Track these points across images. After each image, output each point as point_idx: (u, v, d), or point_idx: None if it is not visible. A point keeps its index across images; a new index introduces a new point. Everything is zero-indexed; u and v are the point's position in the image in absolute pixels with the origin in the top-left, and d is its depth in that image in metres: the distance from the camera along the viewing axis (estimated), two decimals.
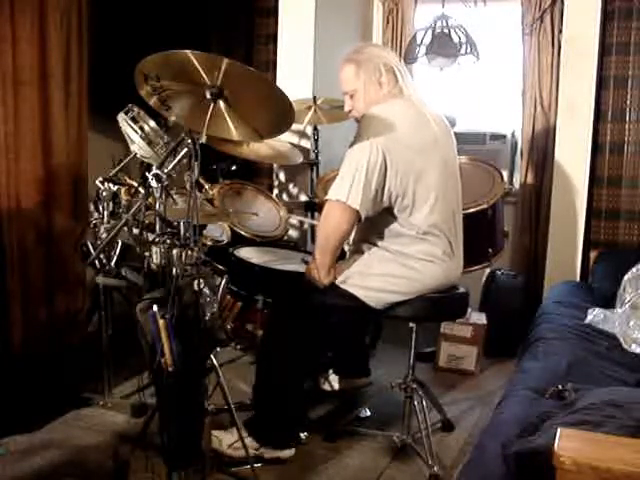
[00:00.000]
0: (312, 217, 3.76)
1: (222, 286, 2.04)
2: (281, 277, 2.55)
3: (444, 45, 3.62)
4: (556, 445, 1.25)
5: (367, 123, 2.28)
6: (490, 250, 2.89)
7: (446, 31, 3.62)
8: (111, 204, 2.26)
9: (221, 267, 2.30)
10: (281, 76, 3.90)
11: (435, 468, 2.30)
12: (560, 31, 3.66)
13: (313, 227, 3.75)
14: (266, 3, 4.09)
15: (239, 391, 2.78)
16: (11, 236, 2.78)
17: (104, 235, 2.19)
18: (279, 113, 2.03)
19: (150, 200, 1.99)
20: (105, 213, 2.26)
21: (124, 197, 2.23)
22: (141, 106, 2.18)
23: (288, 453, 2.36)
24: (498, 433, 1.74)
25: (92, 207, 2.33)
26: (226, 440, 2.30)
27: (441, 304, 2.40)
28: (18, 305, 2.82)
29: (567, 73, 3.60)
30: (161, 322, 1.77)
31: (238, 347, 3.26)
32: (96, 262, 2.18)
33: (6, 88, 2.71)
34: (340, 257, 2.40)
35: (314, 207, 3.67)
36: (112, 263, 2.17)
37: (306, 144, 3.88)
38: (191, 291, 1.87)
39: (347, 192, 2.18)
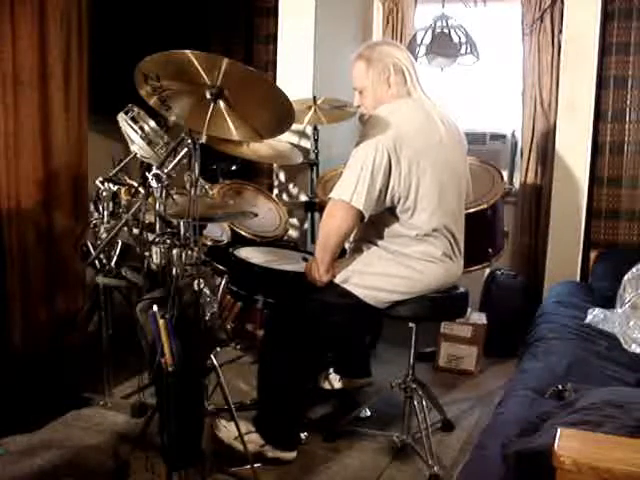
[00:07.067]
0: (312, 217, 3.76)
1: (222, 286, 2.04)
2: (281, 277, 2.55)
3: (444, 45, 3.62)
4: (556, 445, 1.25)
5: (373, 123, 2.27)
6: (490, 250, 2.90)
7: (446, 31, 3.63)
8: (111, 204, 2.26)
9: (221, 267, 2.31)
10: (281, 76, 3.90)
11: (435, 468, 2.30)
12: (560, 31, 3.66)
13: (313, 227, 3.75)
14: (266, 3, 4.09)
15: (239, 391, 2.79)
16: (11, 236, 2.78)
17: (104, 235, 2.19)
18: (279, 113, 2.03)
19: (150, 200, 1.99)
20: (105, 213, 2.26)
21: (124, 197, 2.23)
22: (141, 106, 2.18)
23: (290, 455, 2.36)
24: (498, 433, 1.74)
25: (92, 207, 2.33)
26: (233, 432, 2.29)
27: (441, 304, 2.40)
28: (18, 305, 2.82)
29: (567, 73, 3.59)
30: (161, 322, 1.77)
31: (238, 347, 3.27)
32: (96, 262, 2.18)
33: (6, 88, 2.71)
34: (341, 255, 2.40)
35: (314, 207, 3.68)
36: (112, 263, 2.17)
37: (306, 144, 3.88)
38: (191, 291, 1.87)
39: (351, 192, 2.18)
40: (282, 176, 4.10)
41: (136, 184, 2.24)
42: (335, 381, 2.94)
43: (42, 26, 2.80)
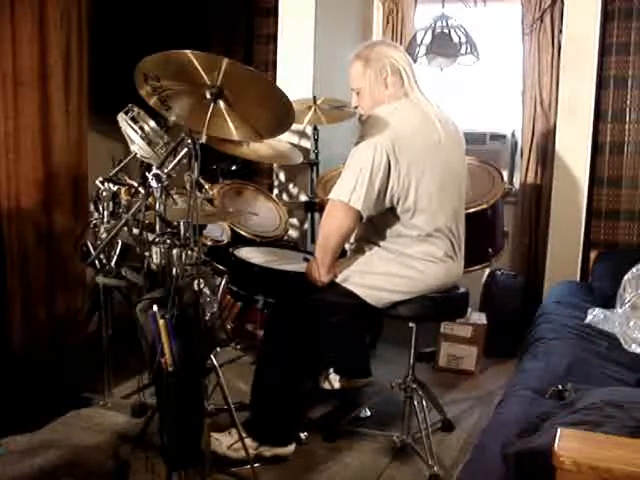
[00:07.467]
0: (312, 217, 3.76)
1: (222, 286, 2.03)
2: (281, 277, 2.55)
3: (444, 45, 3.62)
4: (556, 445, 1.25)
5: (371, 124, 2.28)
6: (490, 250, 2.89)
7: (446, 31, 3.63)
8: (111, 204, 2.26)
9: (221, 267, 2.30)
10: (281, 76, 3.90)
11: (435, 468, 2.30)
12: (560, 31, 3.66)
13: (313, 227, 3.75)
14: (266, 3, 4.09)
15: (239, 391, 2.78)
16: (11, 236, 2.78)
17: (104, 235, 2.19)
18: (279, 113, 2.03)
19: (150, 200, 1.99)
20: (105, 213, 2.26)
21: (124, 197, 2.23)
22: (141, 106, 2.18)
23: (288, 450, 2.36)
24: (498, 433, 1.74)
25: (92, 207, 2.33)
26: (225, 442, 2.30)
27: (441, 304, 2.40)
28: (18, 305, 2.82)
29: (567, 73, 3.59)
30: (161, 322, 1.77)
31: (238, 347, 3.27)
32: (96, 262, 2.18)
33: (6, 88, 2.71)
34: (341, 255, 2.40)
35: (314, 207, 3.68)
36: (112, 263, 2.17)
37: (306, 144, 3.88)
38: (191, 291, 1.86)
39: (350, 193, 2.19)
40: (282, 176, 4.10)
41: (136, 184, 2.23)
42: (335, 381, 2.95)
43: (42, 26, 2.80)
